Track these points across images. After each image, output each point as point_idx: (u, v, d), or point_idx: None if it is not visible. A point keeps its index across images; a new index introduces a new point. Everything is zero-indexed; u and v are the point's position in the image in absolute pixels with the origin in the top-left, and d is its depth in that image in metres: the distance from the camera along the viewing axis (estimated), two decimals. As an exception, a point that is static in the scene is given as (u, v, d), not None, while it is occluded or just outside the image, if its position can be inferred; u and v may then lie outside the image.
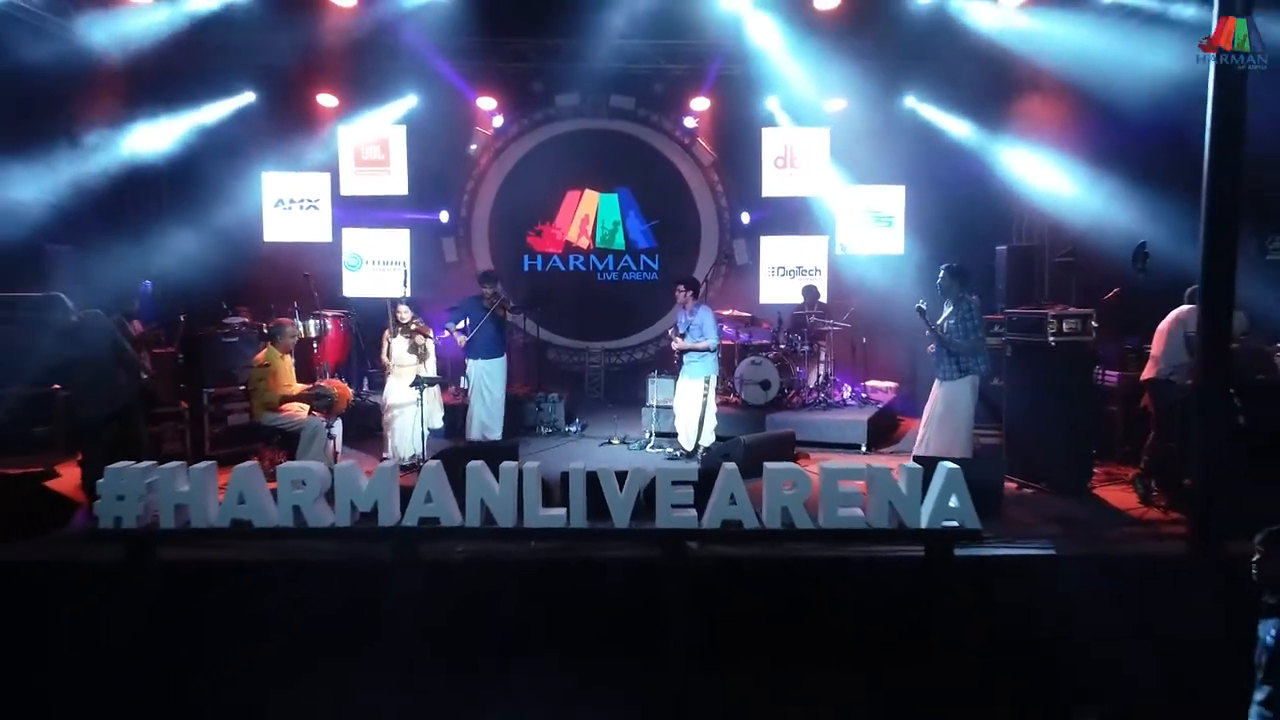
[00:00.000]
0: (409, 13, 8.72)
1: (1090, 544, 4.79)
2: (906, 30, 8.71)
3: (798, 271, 10.38)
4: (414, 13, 8.73)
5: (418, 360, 7.18)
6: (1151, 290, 6.34)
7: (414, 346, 7.16)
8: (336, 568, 4.40)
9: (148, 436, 5.83)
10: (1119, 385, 6.84)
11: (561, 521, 4.13)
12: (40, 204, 7.13)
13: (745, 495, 4.13)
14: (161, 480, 4.08)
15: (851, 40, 9.24)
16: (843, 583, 4.20)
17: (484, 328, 7.39)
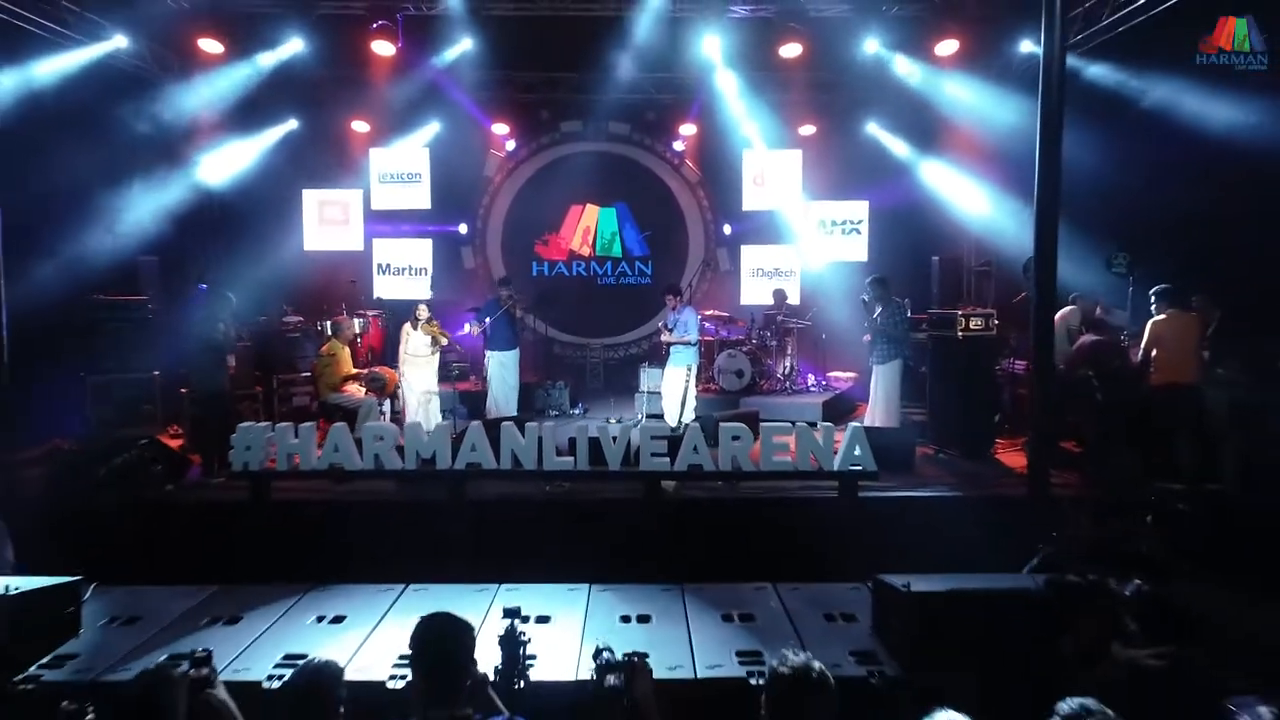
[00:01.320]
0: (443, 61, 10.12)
1: (975, 489, 6.25)
2: (857, 73, 10.16)
3: (775, 273, 11.85)
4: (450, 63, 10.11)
5: (430, 353, 8.52)
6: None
7: (432, 341, 8.50)
8: (402, 506, 5.86)
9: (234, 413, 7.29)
10: (1026, 372, 8.29)
11: (570, 465, 5.61)
12: (138, 223, 8.60)
13: (706, 448, 5.61)
14: (278, 435, 5.56)
15: (816, 75, 10.72)
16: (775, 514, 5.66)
17: (501, 324, 8.78)
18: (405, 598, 3.96)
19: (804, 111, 11.52)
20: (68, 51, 8.29)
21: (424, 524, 5.61)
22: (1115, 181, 7.15)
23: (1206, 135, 6.90)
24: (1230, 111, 6.77)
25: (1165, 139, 7.18)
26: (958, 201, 10.00)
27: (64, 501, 5.39)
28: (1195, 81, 7.23)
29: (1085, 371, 6.78)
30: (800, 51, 9.52)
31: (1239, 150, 6.61)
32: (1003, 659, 2.76)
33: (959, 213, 10.00)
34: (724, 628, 3.50)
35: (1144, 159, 7.25)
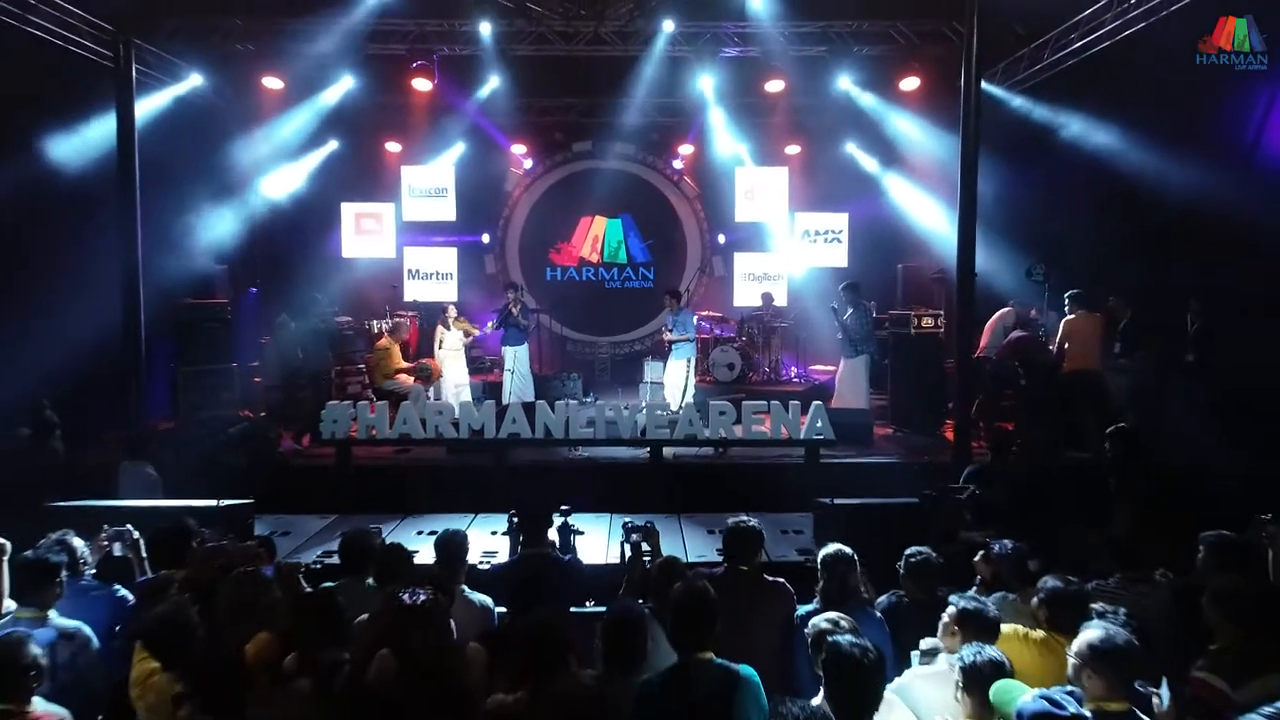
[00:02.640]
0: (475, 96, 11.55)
1: (916, 457, 7.68)
2: (834, 102, 11.57)
3: (764, 278, 13.26)
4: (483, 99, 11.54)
5: (462, 347, 9.92)
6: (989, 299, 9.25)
7: (464, 334, 9.90)
8: (454, 468, 7.28)
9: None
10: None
11: (592, 433, 7.04)
12: (212, 237, 10.05)
13: (699, 421, 7.04)
14: (359, 411, 6.99)
15: (799, 102, 12.13)
16: (754, 474, 7.09)
17: (511, 323, 10.06)
18: (477, 523, 5.39)
19: (789, 133, 12.95)
20: (154, 92, 9.71)
21: (472, 483, 7.03)
22: (1037, 201, 8.59)
23: (1111, 165, 8.33)
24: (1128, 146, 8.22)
25: (1078, 166, 8.62)
26: (919, 216, 11.42)
27: (204, 460, 6.83)
28: (1105, 119, 8.68)
29: (1013, 362, 8.21)
30: (782, 86, 10.94)
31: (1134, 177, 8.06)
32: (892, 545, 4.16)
33: (921, 226, 11.42)
34: (708, 537, 4.94)
35: (1062, 183, 8.69)
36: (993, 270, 9.10)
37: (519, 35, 10.41)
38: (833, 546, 3.42)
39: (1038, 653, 2.93)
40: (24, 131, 8.01)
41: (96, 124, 8.63)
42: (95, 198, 8.38)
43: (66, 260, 8.10)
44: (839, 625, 2.60)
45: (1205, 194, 7.30)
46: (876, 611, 3.45)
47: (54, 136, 8.23)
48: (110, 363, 7.88)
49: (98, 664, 3.10)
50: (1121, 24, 8.44)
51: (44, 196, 8.01)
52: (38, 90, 8.09)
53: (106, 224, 8.18)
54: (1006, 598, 3.42)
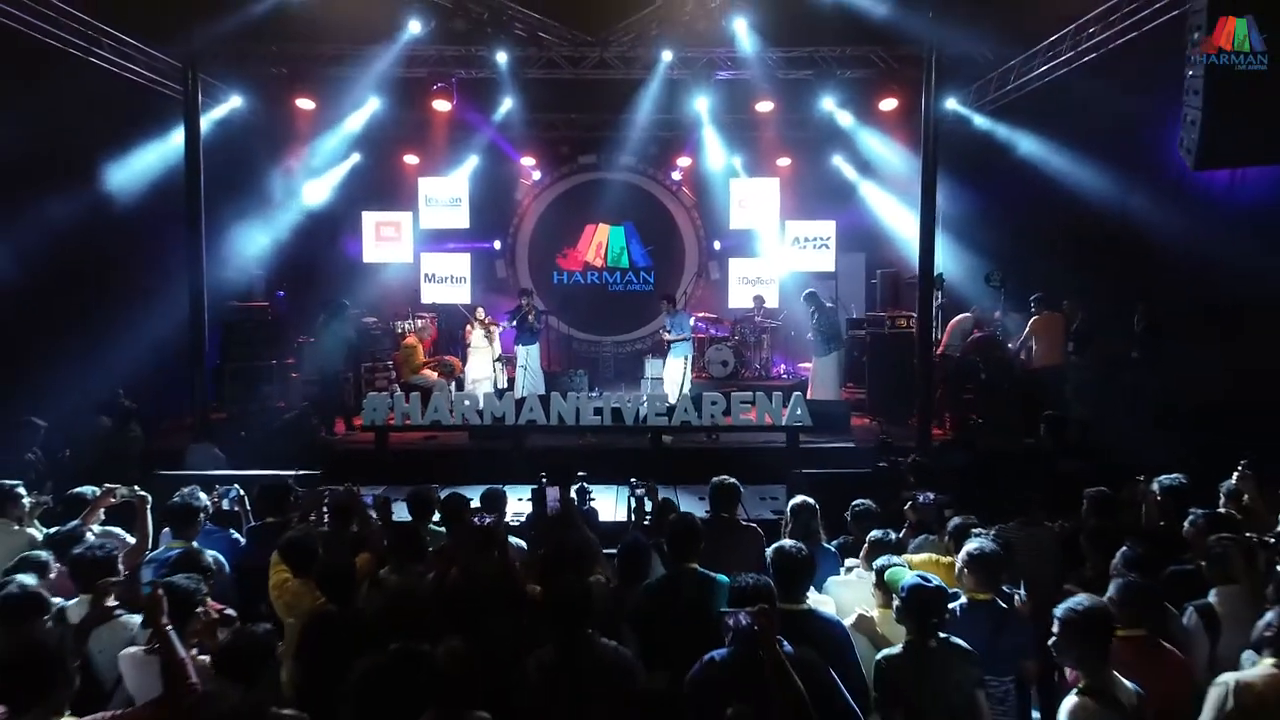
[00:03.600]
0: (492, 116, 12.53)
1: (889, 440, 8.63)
2: (820, 119, 12.55)
3: (756, 281, 14.20)
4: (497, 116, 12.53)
5: (489, 343, 10.91)
6: (957, 302, 10.22)
7: (488, 334, 10.89)
8: (478, 452, 8.25)
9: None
10: (937, 360, 10.66)
11: (599, 421, 8.01)
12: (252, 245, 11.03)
13: (694, 409, 8.01)
14: (395, 400, 7.96)
15: (789, 118, 13.10)
16: (742, 455, 8.05)
17: (523, 324, 11.00)
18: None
19: (780, 147, 13.92)
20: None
21: (494, 464, 7.98)
22: (996, 213, 9.56)
23: (1060, 182, 9.31)
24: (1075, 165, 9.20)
25: (1034, 182, 9.59)
26: (896, 225, 12.39)
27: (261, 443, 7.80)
28: (1058, 139, 9.66)
29: (974, 358, 9.18)
30: (772, 107, 11.92)
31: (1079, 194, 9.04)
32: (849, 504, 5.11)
33: (898, 234, 12.40)
34: (699, 503, 5.88)
35: (1019, 196, 9.66)
36: (958, 276, 10.08)
37: (531, 60, 11.39)
38: (798, 498, 4.39)
39: (946, 571, 3.86)
40: (94, 155, 8.97)
41: (154, 146, 9.61)
42: (156, 213, 9.35)
43: (134, 271, 9.07)
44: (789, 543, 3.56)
45: (1141, 211, 8.27)
46: (831, 547, 4.41)
47: (121, 158, 9.19)
48: (171, 360, 8.85)
49: (227, 583, 4.06)
50: (1074, 54, 9.42)
51: (111, 214, 8.97)
52: (106, 116, 9.03)
53: (167, 235, 9.16)
54: (929, 538, 4.38)
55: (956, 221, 10.77)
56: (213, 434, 7.91)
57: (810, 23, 10.48)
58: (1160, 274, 8.32)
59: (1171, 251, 8.04)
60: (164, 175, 9.69)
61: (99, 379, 8.06)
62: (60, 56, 8.35)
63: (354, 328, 9.59)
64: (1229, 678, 2.74)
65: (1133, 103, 8.48)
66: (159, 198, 9.58)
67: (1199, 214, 7.89)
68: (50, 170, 8.05)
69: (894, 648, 2.98)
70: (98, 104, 8.91)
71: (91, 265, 8.65)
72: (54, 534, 4.16)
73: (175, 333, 9.05)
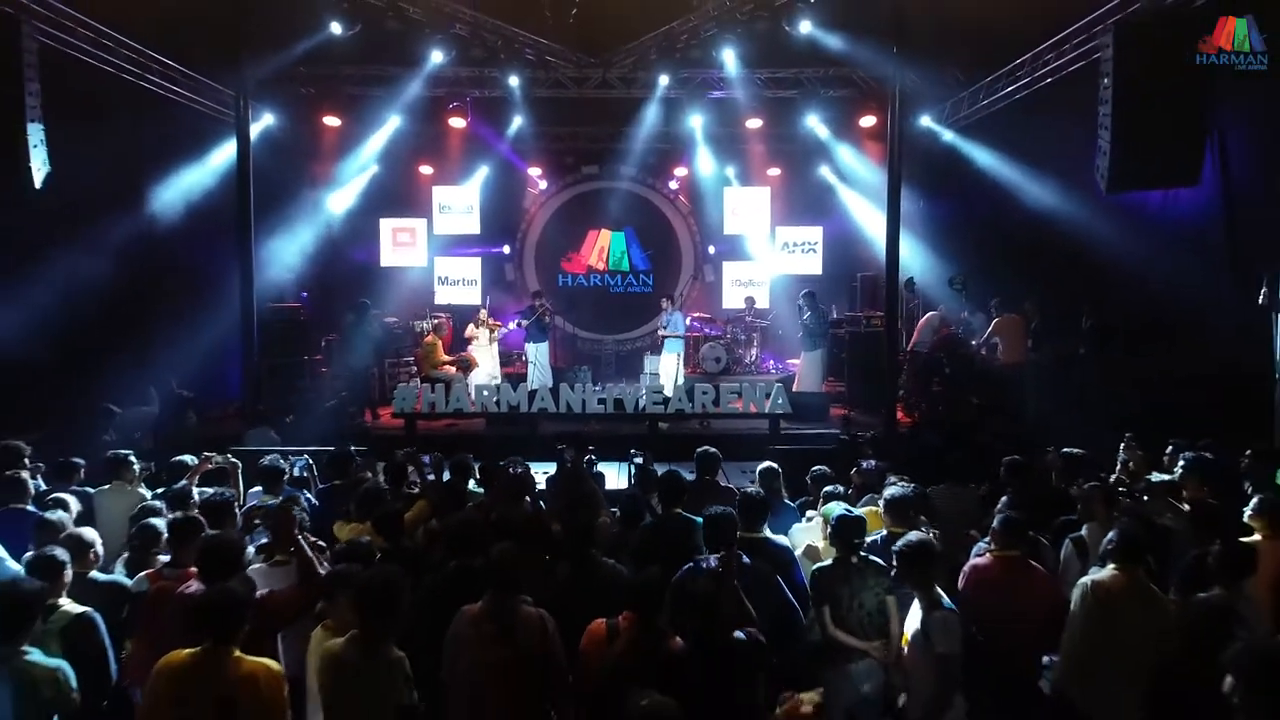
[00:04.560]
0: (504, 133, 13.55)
1: (855, 427, 9.63)
2: (806, 133, 13.56)
3: (748, 283, 15.20)
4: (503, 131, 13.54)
5: (490, 343, 11.89)
6: (926, 304, 11.23)
7: (490, 332, 11.87)
8: (495, 437, 9.25)
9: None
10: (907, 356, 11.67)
11: (603, 409, 9.01)
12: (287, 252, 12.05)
13: (687, 399, 9.01)
14: (423, 391, 8.97)
15: (777, 132, 14.11)
16: (730, 440, 9.05)
17: (534, 324, 12.02)
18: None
19: (770, 158, 14.92)
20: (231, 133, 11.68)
21: (510, 448, 8.97)
22: (961, 222, 10.56)
23: (1017, 195, 10.32)
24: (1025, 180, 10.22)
25: (996, 194, 10.60)
26: (875, 233, 13.38)
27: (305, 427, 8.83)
28: (1015, 157, 10.67)
29: (940, 355, 10.19)
30: (761, 124, 12.93)
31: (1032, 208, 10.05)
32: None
33: (877, 241, 13.37)
34: (689, 476, 6.89)
35: (982, 206, 10.66)
36: (929, 279, 11.10)
37: (539, 80, 12.41)
38: (765, 462, 5.39)
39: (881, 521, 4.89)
40: (149, 175, 9.99)
41: (200, 164, 10.63)
42: (201, 225, 10.37)
43: (186, 278, 10.11)
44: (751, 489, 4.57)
45: (1086, 225, 9.26)
46: (792, 504, 5.41)
47: (173, 177, 10.21)
48: (218, 356, 9.88)
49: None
50: (1031, 80, 10.40)
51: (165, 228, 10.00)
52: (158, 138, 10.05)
53: (211, 245, 10.18)
54: (873, 497, 5.38)
55: (927, 229, 11.79)
56: (265, 420, 8.91)
57: (795, 47, 11.48)
58: (1102, 283, 9.32)
59: (1111, 262, 9.03)
60: (208, 190, 10.72)
61: (161, 373, 9.08)
62: (114, 82, 9.32)
63: (379, 327, 10.61)
64: (1085, 579, 3.73)
65: (1078, 126, 9.47)
66: (204, 211, 10.61)
67: (1136, 229, 8.89)
68: (114, 190, 9.07)
69: (826, 561, 4.00)
70: (149, 126, 9.92)
71: (151, 274, 9.69)
72: (166, 492, 5.16)
73: (220, 332, 10.10)
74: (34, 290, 7.60)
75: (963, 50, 11.21)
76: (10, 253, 7.71)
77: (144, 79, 9.90)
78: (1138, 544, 3.68)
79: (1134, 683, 3.44)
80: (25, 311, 7.43)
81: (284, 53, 9.87)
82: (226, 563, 3.31)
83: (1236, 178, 8.08)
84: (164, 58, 10.01)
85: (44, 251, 7.91)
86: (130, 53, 9.51)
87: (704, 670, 3.07)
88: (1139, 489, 5.12)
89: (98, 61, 8.92)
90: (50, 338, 7.85)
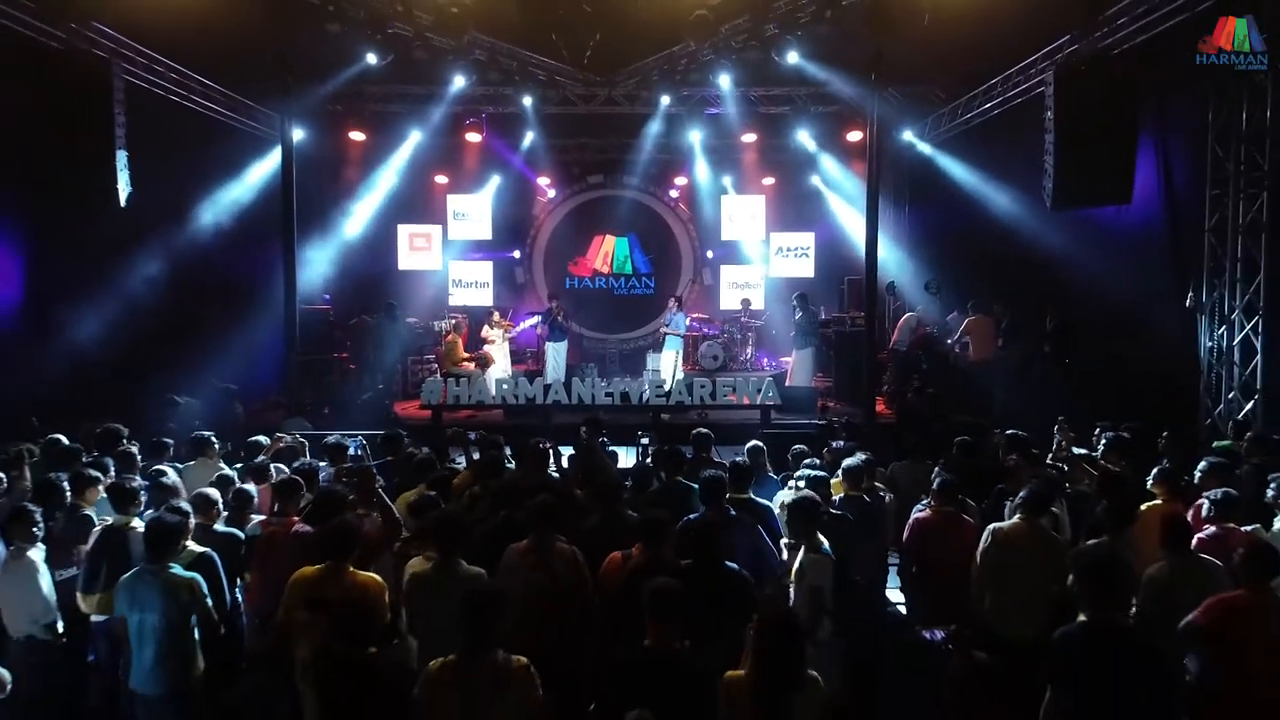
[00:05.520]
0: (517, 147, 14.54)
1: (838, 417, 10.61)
2: (798, 145, 14.55)
3: (744, 286, 16.18)
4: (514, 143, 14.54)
5: (502, 342, 12.88)
6: (908, 306, 12.22)
7: (503, 333, 12.87)
8: (512, 427, 10.22)
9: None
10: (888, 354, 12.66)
11: (610, 401, 10.00)
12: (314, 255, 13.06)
13: (686, 392, 10.01)
14: (449, 383, 9.96)
15: (771, 143, 15.09)
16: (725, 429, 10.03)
17: (554, 324, 13.03)
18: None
19: (764, 168, 15.91)
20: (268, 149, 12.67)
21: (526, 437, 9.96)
22: (938, 231, 11.54)
23: (987, 205, 11.30)
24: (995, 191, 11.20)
25: (964, 203, 11.59)
26: (861, 238, 14.34)
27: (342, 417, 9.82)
28: (988, 169, 11.65)
29: (917, 352, 11.18)
30: (755, 138, 13.91)
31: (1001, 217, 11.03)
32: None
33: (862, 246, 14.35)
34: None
35: (956, 215, 11.64)
36: (909, 283, 12.09)
37: (549, 99, 13.37)
38: (752, 442, 6.37)
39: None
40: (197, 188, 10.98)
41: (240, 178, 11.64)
42: (242, 234, 11.37)
43: (231, 282, 11.11)
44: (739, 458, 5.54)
45: (1048, 234, 10.23)
46: (776, 478, 6.39)
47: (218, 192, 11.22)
48: (258, 353, 10.86)
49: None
50: (1002, 100, 11.36)
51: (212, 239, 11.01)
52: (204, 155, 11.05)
53: (250, 252, 11.17)
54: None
55: (909, 236, 12.78)
56: (301, 412, 9.89)
57: (786, 69, 12.44)
58: (1061, 286, 10.29)
59: (1069, 267, 10.02)
60: (248, 202, 11.72)
61: (206, 368, 10.07)
62: (173, 106, 10.29)
63: (405, 327, 11.60)
64: (991, 526, 4.71)
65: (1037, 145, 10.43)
66: (242, 221, 11.61)
67: (1092, 238, 9.86)
68: (171, 204, 10.06)
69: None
70: (198, 145, 10.91)
71: (198, 279, 10.68)
72: (246, 466, 6.14)
73: (255, 331, 11.11)
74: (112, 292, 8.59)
75: (940, 71, 12.19)
76: (97, 262, 8.71)
77: (200, 104, 10.89)
78: (1040, 500, 4.67)
79: (1026, 603, 4.40)
80: (106, 311, 8.42)
81: (325, 82, 10.81)
82: (333, 508, 4.30)
83: (1178, 193, 9.05)
84: (215, 84, 11.01)
85: (119, 260, 8.91)
86: (191, 81, 10.50)
87: (701, 587, 4.04)
88: (1063, 460, 6.11)
89: (163, 91, 9.92)
90: (121, 334, 8.84)
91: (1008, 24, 8.13)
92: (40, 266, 8.69)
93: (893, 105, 13.46)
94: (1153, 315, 8.99)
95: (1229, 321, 7.93)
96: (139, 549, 4.50)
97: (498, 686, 3.07)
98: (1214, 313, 8.01)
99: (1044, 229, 10.34)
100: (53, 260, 8.81)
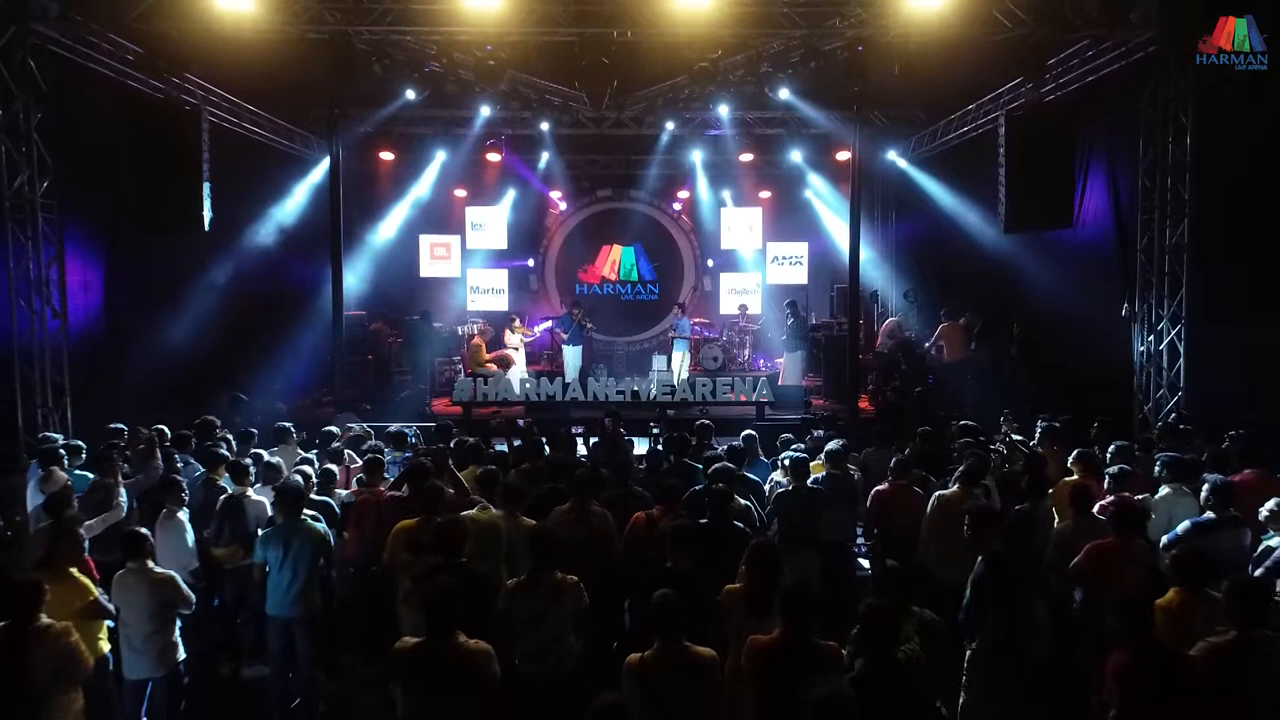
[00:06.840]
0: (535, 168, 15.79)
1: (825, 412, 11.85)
2: (792, 162, 15.79)
3: (742, 292, 17.39)
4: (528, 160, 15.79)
5: (520, 346, 14.11)
6: (891, 313, 13.46)
7: (521, 338, 14.10)
8: (535, 423, 11.45)
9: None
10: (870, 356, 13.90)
11: (622, 398, 11.24)
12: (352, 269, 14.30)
13: (690, 390, 11.24)
14: (476, 381, 11.19)
15: (768, 159, 16.33)
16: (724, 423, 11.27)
17: (573, 330, 14.24)
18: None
19: (761, 183, 17.16)
20: (309, 164, 13.91)
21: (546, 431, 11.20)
22: (917, 243, 12.77)
23: (960, 220, 12.53)
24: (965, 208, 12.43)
25: (940, 218, 12.82)
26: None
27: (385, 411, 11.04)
28: (962, 187, 12.88)
29: (897, 354, 12.41)
30: (752, 156, 15.15)
31: (971, 231, 12.26)
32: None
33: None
34: (692, 445, 9.11)
35: (932, 229, 12.88)
36: (891, 292, 13.32)
37: (563, 121, 14.59)
38: (746, 431, 7.61)
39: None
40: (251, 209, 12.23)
41: (285, 197, 12.88)
42: (285, 247, 12.61)
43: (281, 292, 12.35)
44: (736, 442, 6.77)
45: (1012, 248, 11.46)
46: (767, 461, 7.63)
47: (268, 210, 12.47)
48: (304, 355, 12.11)
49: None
50: (975, 124, 12.60)
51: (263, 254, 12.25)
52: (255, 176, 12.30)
53: (293, 265, 12.40)
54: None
55: (892, 249, 14.02)
56: (349, 407, 11.14)
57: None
58: (1024, 296, 11.52)
59: (1030, 279, 11.25)
60: (291, 220, 12.97)
61: (265, 372, 11.33)
62: (231, 135, 11.52)
63: (435, 331, 12.85)
64: (937, 492, 5.94)
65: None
66: (286, 236, 12.87)
67: (1050, 253, 11.09)
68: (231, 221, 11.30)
69: (783, 488, 6.22)
70: (253, 168, 12.16)
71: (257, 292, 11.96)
72: (322, 451, 7.38)
73: (305, 336, 12.36)
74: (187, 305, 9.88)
75: (919, 95, 13.41)
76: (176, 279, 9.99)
77: (258, 133, 12.14)
78: (974, 472, 5.90)
79: (959, 553, 5.62)
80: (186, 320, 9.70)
81: (367, 117, 12.07)
82: (422, 476, 5.54)
83: (1123, 217, 10.26)
84: (271, 115, 12.27)
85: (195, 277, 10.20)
86: (260, 119, 11.76)
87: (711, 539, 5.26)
88: (1003, 444, 7.37)
89: (230, 124, 11.16)
90: (194, 342, 10.11)
91: (967, 69, 9.37)
92: (129, 283, 9.93)
93: (878, 125, 14.72)
94: (1098, 323, 10.20)
95: (1156, 330, 9.15)
96: (254, 511, 5.79)
97: (556, 595, 4.31)
98: (1144, 321, 9.23)
99: (1009, 245, 11.55)
100: (142, 277, 10.06)
